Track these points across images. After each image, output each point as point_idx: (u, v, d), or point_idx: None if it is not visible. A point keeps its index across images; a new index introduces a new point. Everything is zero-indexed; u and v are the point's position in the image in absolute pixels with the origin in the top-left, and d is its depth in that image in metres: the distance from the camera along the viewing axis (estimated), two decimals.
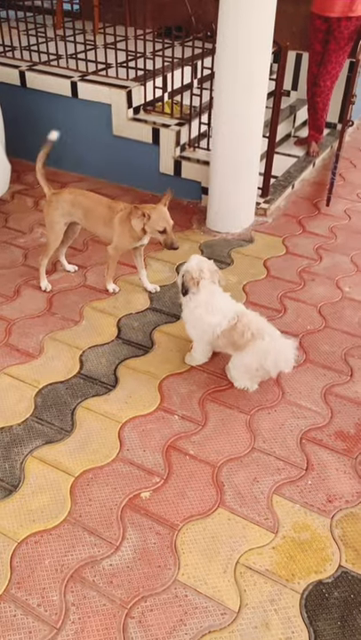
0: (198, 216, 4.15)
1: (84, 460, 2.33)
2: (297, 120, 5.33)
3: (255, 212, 4.09)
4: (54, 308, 3.20)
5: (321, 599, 1.90)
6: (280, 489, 2.25)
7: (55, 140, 3.22)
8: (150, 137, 4.23)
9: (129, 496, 2.19)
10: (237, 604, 1.88)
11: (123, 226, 3.02)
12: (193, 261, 2.61)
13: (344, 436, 2.49)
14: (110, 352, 2.89)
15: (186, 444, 2.42)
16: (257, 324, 2.56)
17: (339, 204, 4.36)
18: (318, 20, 4.44)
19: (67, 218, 3.17)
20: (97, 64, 4.44)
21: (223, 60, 3.38)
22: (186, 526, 2.10)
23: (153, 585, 1.92)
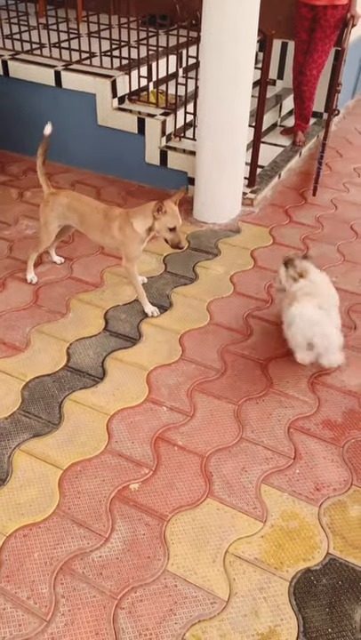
0: (185, 206, 4.12)
1: (72, 452, 2.32)
2: (283, 109, 5.32)
3: (242, 203, 4.07)
4: (40, 300, 3.17)
5: (309, 586, 1.92)
6: (268, 478, 2.26)
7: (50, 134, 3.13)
8: (136, 127, 4.20)
9: (118, 488, 2.19)
10: (227, 592, 1.89)
11: (124, 232, 2.90)
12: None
13: (331, 424, 2.50)
14: (98, 344, 2.88)
15: (174, 435, 2.42)
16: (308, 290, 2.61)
17: (325, 194, 4.36)
18: (304, 8, 4.42)
19: (62, 220, 3.10)
20: (80, 53, 4.39)
21: (208, 49, 3.35)
22: (175, 517, 2.10)
23: (142, 576, 1.92)
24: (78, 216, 3.04)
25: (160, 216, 2.78)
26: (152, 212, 2.78)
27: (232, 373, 2.74)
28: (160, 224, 2.81)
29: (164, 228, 2.82)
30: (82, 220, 3.03)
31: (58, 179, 4.50)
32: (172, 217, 2.80)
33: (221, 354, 2.85)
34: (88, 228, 3.04)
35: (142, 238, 2.91)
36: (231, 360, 2.82)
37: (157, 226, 2.82)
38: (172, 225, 2.81)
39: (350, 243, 3.79)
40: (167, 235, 2.84)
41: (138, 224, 2.85)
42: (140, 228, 2.86)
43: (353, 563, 1.99)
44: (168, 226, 2.81)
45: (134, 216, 2.86)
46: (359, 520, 2.12)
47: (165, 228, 2.82)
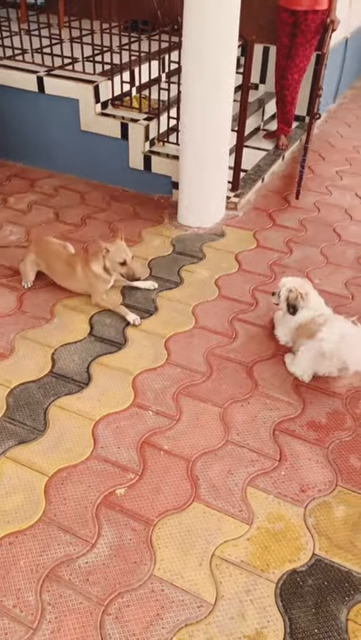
0: (170, 211, 4.14)
1: (57, 459, 2.32)
2: (266, 113, 5.36)
3: (226, 206, 4.09)
4: (25, 306, 3.16)
5: (296, 587, 1.93)
6: (254, 480, 2.27)
7: None
8: (119, 132, 4.20)
9: (104, 493, 2.19)
10: (213, 595, 1.90)
11: (87, 276, 3.08)
12: (289, 283, 2.79)
13: (316, 425, 2.52)
14: (83, 349, 2.88)
15: (160, 439, 2.42)
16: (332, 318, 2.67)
17: (308, 197, 4.40)
18: (285, 13, 4.46)
19: (35, 267, 3.28)
20: (63, 58, 4.39)
21: (189, 54, 3.37)
22: (161, 521, 2.11)
23: (129, 581, 1.92)
24: (45, 265, 3.25)
25: (107, 255, 2.99)
26: (101, 253, 3.01)
27: (218, 376, 2.75)
28: (110, 262, 3.01)
29: (115, 264, 3.00)
30: (48, 268, 3.25)
31: (42, 184, 4.49)
32: (119, 252, 2.99)
33: (207, 357, 2.86)
34: (55, 276, 3.25)
35: (105, 279, 3.10)
36: (217, 363, 2.83)
37: (109, 264, 3.02)
38: (121, 259, 2.99)
39: (333, 245, 3.82)
40: (121, 269, 3.02)
41: (95, 266, 3.06)
42: (98, 270, 3.06)
43: (338, 563, 2.00)
44: (118, 261, 2.99)
45: (92, 260, 3.07)
46: (344, 520, 2.14)
47: (116, 264, 3.00)
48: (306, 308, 2.73)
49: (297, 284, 2.79)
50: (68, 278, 3.18)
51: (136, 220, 4.05)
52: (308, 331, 2.65)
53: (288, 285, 2.78)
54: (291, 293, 2.74)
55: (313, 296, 2.78)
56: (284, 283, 2.83)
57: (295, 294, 2.73)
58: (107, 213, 4.13)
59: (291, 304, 2.75)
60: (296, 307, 2.73)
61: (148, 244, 3.77)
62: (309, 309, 2.72)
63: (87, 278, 3.09)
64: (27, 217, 4.04)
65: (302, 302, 2.72)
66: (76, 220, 4.02)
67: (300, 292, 2.73)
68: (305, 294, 2.73)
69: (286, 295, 2.76)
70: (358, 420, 2.55)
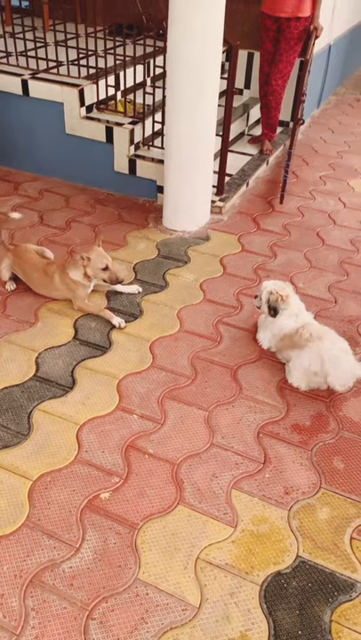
0: (155, 214, 4.15)
1: (41, 463, 2.30)
2: (250, 118, 5.39)
3: (211, 211, 4.11)
4: (9, 310, 3.14)
5: (280, 589, 1.94)
6: (238, 483, 2.27)
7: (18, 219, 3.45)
8: (104, 135, 4.21)
9: (88, 497, 2.18)
10: (198, 599, 1.90)
11: (65, 283, 3.09)
12: (270, 285, 2.82)
13: (300, 428, 2.54)
14: (67, 353, 2.87)
15: (145, 442, 2.42)
16: (319, 329, 2.69)
17: (292, 202, 4.43)
18: (268, 19, 4.49)
19: (10, 270, 3.30)
20: (47, 62, 4.39)
21: (174, 59, 3.38)
22: (146, 525, 2.10)
23: (114, 585, 1.92)
24: (22, 273, 3.26)
25: (88, 263, 3.01)
26: (80, 262, 3.02)
27: (202, 380, 2.76)
28: (92, 269, 3.02)
29: (96, 270, 3.02)
30: (25, 276, 3.26)
31: (26, 187, 4.47)
32: (100, 258, 3.02)
33: (192, 360, 2.87)
34: (32, 284, 3.25)
35: (84, 284, 3.11)
36: (201, 366, 2.83)
37: (90, 271, 3.03)
38: (103, 265, 3.02)
39: (316, 249, 3.86)
40: (103, 275, 3.04)
41: (73, 274, 3.06)
42: (77, 277, 3.07)
43: (322, 565, 2.01)
44: (99, 267, 3.02)
45: (69, 267, 3.08)
46: (328, 522, 2.15)
47: (98, 270, 3.02)
48: (288, 314, 2.75)
49: (278, 286, 2.82)
50: (47, 287, 3.18)
51: (121, 223, 4.05)
52: (294, 343, 2.68)
53: (269, 288, 2.81)
54: (271, 295, 2.77)
55: (294, 300, 2.81)
56: (266, 286, 2.86)
57: (276, 296, 2.76)
58: (92, 217, 4.12)
59: (271, 306, 2.78)
60: (277, 309, 2.76)
61: (134, 247, 3.77)
62: (290, 316, 2.75)
63: (66, 285, 3.09)
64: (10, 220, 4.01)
65: (283, 305, 2.75)
66: (60, 224, 4.01)
67: (280, 294, 2.76)
68: (285, 297, 2.76)
69: (267, 297, 2.79)
70: (341, 423, 2.57)
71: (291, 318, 2.75)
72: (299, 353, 2.65)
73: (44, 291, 3.22)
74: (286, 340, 2.73)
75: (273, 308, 2.77)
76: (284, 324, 2.76)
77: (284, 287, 2.83)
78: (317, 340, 2.60)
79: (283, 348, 2.78)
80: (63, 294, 3.17)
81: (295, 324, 2.72)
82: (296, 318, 2.75)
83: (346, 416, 2.61)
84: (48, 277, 3.14)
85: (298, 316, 2.76)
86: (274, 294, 2.76)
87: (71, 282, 3.07)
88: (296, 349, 2.67)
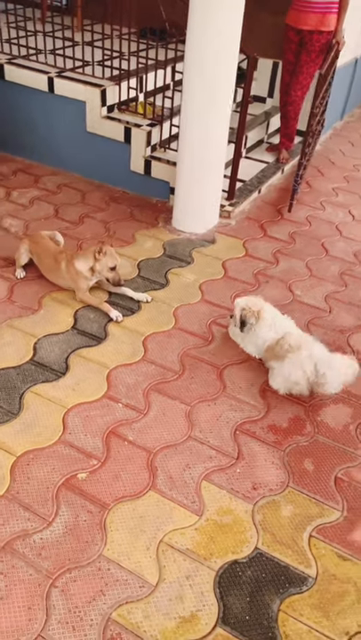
0: (165, 215, 4.28)
1: (27, 441, 2.45)
2: (270, 127, 5.49)
3: (220, 215, 4.23)
4: (15, 296, 3.31)
5: (234, 577, 2.04)
6: (210, 475, 2.39)
7: None
8: (122, 135, 4.35)
9: (66, 476, 2.32)
10: (156, 578, 2.02)
11: (70, 272, 3.24)
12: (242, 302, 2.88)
13: (276, 429, 2.64)
14: (64, 341, 3.01)
15: (126, 430, 2.55)
16: (298, 339, 2.76)
17: (301, 211, 4.52)
18: (292, 31, 4.59)
19: (28, 254, 3.48)
20: (74, 61, 4.55)
21: (190, 67, 3.51)
22: (116, 506, 2.23)
23: (79, 558, 2.05)
24: (36, 257, 3.44)
25: (101, 257, 3.15)
26: (94, 254, 3.14)
27: (189, 376, 2.87)
28: (101, 264, 3.18)
29: (105, 267, 3.19)
30: (39, 261, 3.43)
31: (46, 180, 4.64)
32: (112, 257, 3.17)
33: (181, 357, 2.99)
34: (43, 269, 3.43)
35: (86, 277, 3.24)
36: (190, 363, 2.95)
37: (99, 266, 3.19)
38: (113, 264, 3.17)
39: (319, 259, 3.94)
40: (108, 274, 3.19)
41: (80, 265, 3.21)
42: (83, 268, 3.21)
43: (278, 557, 2.12)
44: (109, 265, 3.18)
45: (77, 258, 3.23)
46: (290, 519, 2.25)
47: (107, 268, 3.18)
48: (264, 325, 2.81)
49: (250, 302, 2.87)
50: (54, 273, 3.34)
51: (132, 221, 4.19)
52: (275, 354, 2.77)
53: (242, 304, 2.87)
54: (243, 311, 2.83)
55: (269, 313, 2.86)
56: (238, 302, 2.92)
57: (247, 312, 2.82)
58: (105, 213, 4.27)
59: (241, 320, 2.84)
60: (245, 322, 2.82)
61: (141, 245, 3.90)
62: (268, 327, 2.81)
63: (69, 274, 3.24)
64: (27, 211, 4.19)
65: (253, 319, 2.80)
66: (74, 218, 4.16)
67: (252, 310, 2.82)
68: (258, 312, 2.82)
69: (240, 314, 2.85)
70: (318, 427, 2.66)
71: (270, 329, 2.81)
72: (280, 364, 2.74)
73: (52, 277, 3.38)
74: (269, 352, 2.82)
75: (242, 322, 2.83)
76: (265, 336, 2.82)
77: (255, 302, 2.88)
78: (297, 351, 2.69)
79: (267, 359, 2.88)
80: (67, 283, 3.32)
81: (275, 335, 2.79)
82: (274, 328, 2.81)
83: (323, 421, 2.70)
84: (57, 264, 3.30)
85: (274, 326, 2.82)
86: (246, 310, 2.82)
87: (75, 272, 3.22)
88: (278, 360, 2.76)
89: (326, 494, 2.36)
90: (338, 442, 2.60)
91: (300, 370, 2.67)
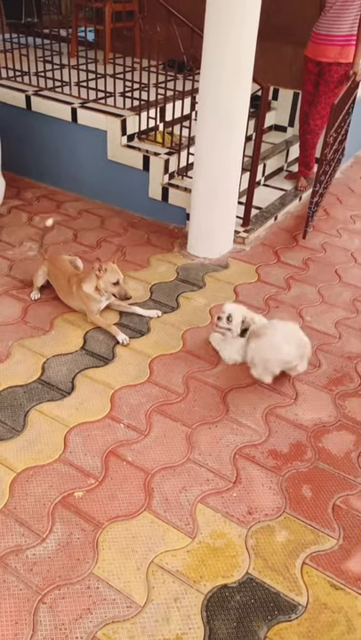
0: (181, 240, 4.35)
1: (28, 458, 2.50)
2: (290, 155, 5.55)
3: (234, 240, 4.28)
4: (28, 316, 3.40)
5: (223, 601, 2.03)
6: (205, 498, 2.39)
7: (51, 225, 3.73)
8: (141, 163, 4.47)
9: (63, 494, 2.36)
10: (144, 599, 2.02)
11: (80, 295, 3.32)
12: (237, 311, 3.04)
13: (276, 454, 2.62)
14: (72, 361, 3.08)
15: (126, 450, 2.58)
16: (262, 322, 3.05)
17: (317, 238, 4.53)
18: (311, 63, 4.68)
19: (45, 276, 3.60)
20: (97, 92, 4.72)
21: (205, 97, 3.61)
22: (110, 525, 2.25)
23: (69, 575, 2.07)
24: (53, 279, 3.55)
25: (102, 275, 3.22)
26: (94, 272, 3.23)
27: (192, 398, 2.90)
28: (104, 282, 3.24)
29: (108, 284, 3.23)
30: (55, 282, 3.54)
31: (67, 206, 4.79)
32: (113, 273, 3.22)
33: (186, 380, 3.01)
34: (58, 291, 3.54)
35: (95, 298, 3.31)
36: (194, 386, 2.97)
37: (102, 284, 3.25)
38: (115, 279, 3.22)
39: (331, 285, 3.94)
40: (113, 289, 3.24)
41: (86, 286, 3.29)
42: (89, 290, 3.28)
43: (269, 584, 2.09)
44: (111, 281, 3.22)
45: (84, 280, 3.31)
46: (283, 545, 2.23)
47: (110, 284, 3.23)
48: None
49: (244, 312, 3.06)
50: (67, 295, 3.43)
51: (148, 246, 4.28)
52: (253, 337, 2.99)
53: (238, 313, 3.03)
54: (245, 321, 3.01)
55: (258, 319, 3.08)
56: (232, 310, 3.04)
57: (247, 322, 3.01)
58: (122, 238, 4.37)
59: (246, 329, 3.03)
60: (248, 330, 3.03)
61: (154, 269, 3.98)
62: None
63: (80, 298, 3.32)
64: (48, 235, 4.31)
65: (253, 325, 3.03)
66: (92, 242, 4.28)
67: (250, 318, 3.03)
68: (251, 319, 3.03)
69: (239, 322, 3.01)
70: (318, 454, 2.64)
71: None
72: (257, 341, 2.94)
73: (66, 299, 3.47)
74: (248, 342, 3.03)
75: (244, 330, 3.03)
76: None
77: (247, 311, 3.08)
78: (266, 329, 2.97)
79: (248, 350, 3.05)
80: (79, 305, 3.40)
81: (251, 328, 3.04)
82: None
83: (325, 448, 2.68)
84: (69, 286, 3.40)
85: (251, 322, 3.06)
86: (245, 321, 3.00)
87: (84, 295, 3.30)
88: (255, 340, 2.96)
89: (323, 521, 2.33)
90: (338, 469, 2.57)
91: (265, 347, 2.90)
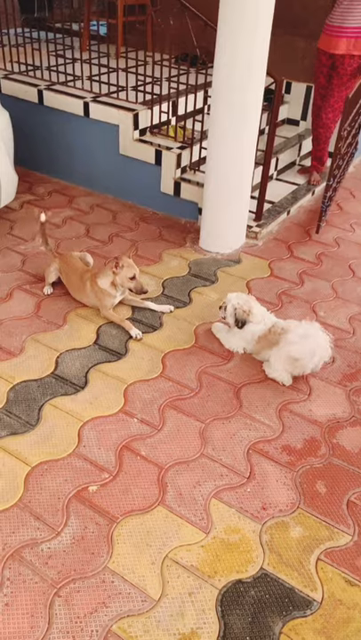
0: (193, 235, 4.34)
1: (42, 452, 2.51)
2: (303, 149, 5.51)
3: (247, 235, 4.26)
4: (41, 311, 3.41)
5: (237, 596, 2.03)
6: (219, 493, 2.39)
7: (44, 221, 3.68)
8: (153, 158, 4.46)
9: (77, 488, 2.36)
10: (159, 593, 2.02)
11: (94, 291, 3.32)
12: (234, 299, 3.08)
13: (290, 449, 2.62)
14: (85, 356, 3.08)
15: (139, 445, 2.58)
16: (286, 323, 3.00)
17: (330, 232, 4.50)
18: (324, 55, 4.63)
19: (57, 273, 3.59)
20: (109, 86, 4.71)
21: (218, 90, 3.59)
22: (125, 520, 2.26)
23: (84, 569, 2.08)
24: (65, 276, 3.54)
25: (119, 270, 3.22)
26: (111, 268, 3.24)
27: (205, 394, 2.89)
28: (120, 277, 3.24)
29: (125, 279, 3.24)
30: (67, 279, 3.53)
31: (80, 201, 4.79)
32: (129, 267, 3.23)
33: (199, 375, 3.01)
34: (70, 287, 3.53)
35: (110, 293, 3.32)
36: (207, 381, 2.97)
37: (119, 279, 3.25)
38: (131, 274, 3.22)
39: (345, 280, 3.91)
40: (130, 284, 3.25)
41: (102, 282, 3.29)
42: (105, 285, 3.29)
43: (283, 579, 2.09)
44: (128, 276, 3.23)
45: (99, 276, 3.31)
46: (298, 541, 2.22)
47: (126, 279, 3.24)
48: (253, 322, 3.02)
49: (242, 300, 3.07)
50: (80, 292, 3.43)
51: (160, 241, 4.27)
52: (270, 341, 2.97)
53: (233, 302, 3.06)
54: (237, 310, 3.03)
55: (256, 310, 3.07)
56: (230, 299, 3.10)
57: (241, 311, 3.01)
58: (134, 233, 4.37)
59: (240, 319, 3.03)
60: (245, 322, 3.02)
61: (167, 264, 3.97)
62: (258, 323, 3.03)
63: (94, 293, 3.33)
64: (59, 230, 4.33)
65: (249, 318, 3.02)
66: (104, 237, 4.28)
67: (244, 309, 3.02)
68: (248, 311, 3.02)
69: (232, 311, 3.05)
70: (333, 449, 2.63)
71: (258, 325, 3.03)
72: (276, 348, 2.91)
73: (79, 295, 3.47)
74: (262, 342, 3.02)
75: (241, 322, 3.03)
76: (255, 330, 3.03)
77: (247, 300, 3.08)
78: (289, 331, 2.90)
79: (260, 350, 3.06)
80: (92, 301, 3.40)
81: (264, 327, 3.01)
82: (264, 321, 3.03)
83: (339, 443, 2.67)
84: (82, 283, 3.40)
85: (263, 320, 3.04)
86: (239, 309, 3.03)
87: (99, 290, 3.30)
88: (273, 346, 2.93)
89: (337, 517, 2.33)
90: (353, 465, 2.56)
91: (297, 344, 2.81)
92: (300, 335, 2.84)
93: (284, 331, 2.91)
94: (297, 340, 2.83)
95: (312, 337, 2.84)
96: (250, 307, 3.03)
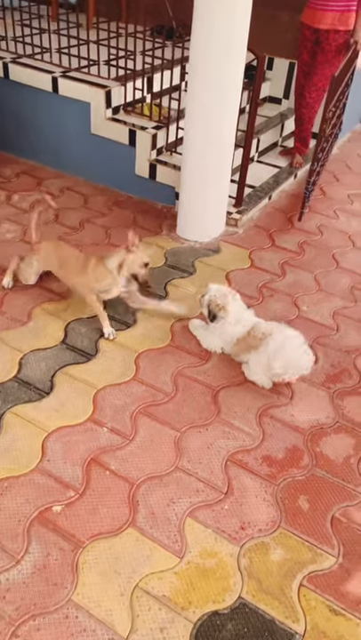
0: (170, 222, 4.10)
1: (1, 468, 2.30)
2: (285, 129, 5.26)
3: (226, 222, 4.03)
4: (4, 306, 3.16)
5: (213, 631, 1.87)
6: (195, 512, 2.21)
7: None
8: (127, 138, 4.18)
9: (40, 509, 2.16)
10: (128, 629, 1.85)
11: (98, 268, 2.99)
12: (213, 291, 2.90)
13: (271, 460, 2.44)
14: (52, 357, 2.86)
15: (109, 458, 2.38)
16: (268, 326, 2.78)
17: (313, 220, 4.30)
18: (307, 30, 4.37)
19: (42, 267, 3.24)
20: (79, 60, 4.39)
21: (195, 67, 3.32)
22: (91, 544, 2.07)
23: (45, 603, 1.89)
24: (56, 262, 3.18)
25: (134, 249, 2.92)
26: (127, 247, 2.93)
27: (181, 398, 2.70)
28: (132, 260, 2.93)
29: (136, 264, 2.93)
30: (60, 264, 3.16)
31: (49, 184, 4.50)
32: (143, 254, 2.97)
33: (175, 377, 2.81)
34: (65, 273, 3.15)
35: (113, 276, 2.97)
36: (183, 384, 2.77)
37: (129, 261, 2.93)
38: (147, 260, 2.95)
39: (328, 272, 3.72)
40: (140, 270, 2.95)
41: (110, 261, 2.97)
42: (112, 265, 2.96)
43: (263, 609, 1.93)
44: (143, 261, 2.94)
45: (108, 257, 3.00)
46: (279, 565, 2.06)
47: (138, 265, 2.94)
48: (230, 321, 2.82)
49: (219, 294, 2.89)
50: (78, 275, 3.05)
51: (134, 228, 4.02)
52: (248, 344, 2.77)
53: (211, 293, 2.89)
54: (211, 303, 2.85)
55: (233, 307, 2.85)
56: (210, 289, 2.93)
57: (215, 304, 2.84)
58: (106, 219, 4.11)
59: (211, 312, 2.86)
60: (216, 316, 2.84)
61: None
62: (234, 323, 2.82)
63: (95, 275, 2.98)
64: (27, 216, 4.04)
65: (222, 313, 2.82)
66: (74, 224, 4.01)
67: (217, 302, 2.83)
68: (222, 306, 2.82)
69: (207, 302, 2.87)
70: (316, 459, 2.47)
71: (236, 325, 2.82)
72: (256, 353, 2.72)
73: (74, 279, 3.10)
74: (241, 344, 2.81)
75: (213, 315, 2.85)
76: (232, 331, 2.82)
77: (226, 294, 2.88)
78: (268, 336, 2.69)
79: (239, 352, 2.86)
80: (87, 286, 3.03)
81: (243, 329, 2.80)
82: (240, 323, 2.82)
83: (322, 452, 2.50)
84: (84, 265, 3.03)
85: (240, 321, 2.82)
86: (213, 302, 2.84)
87: (102, 272, 2.97)
88: (252, 350, 2.74)
89: (321, 537, 2.17)
90: (337, 477, 2.40)
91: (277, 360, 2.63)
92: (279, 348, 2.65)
93: (265, 336, 2.71)
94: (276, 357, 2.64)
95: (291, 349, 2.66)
96: (226, 302, 2.83)
